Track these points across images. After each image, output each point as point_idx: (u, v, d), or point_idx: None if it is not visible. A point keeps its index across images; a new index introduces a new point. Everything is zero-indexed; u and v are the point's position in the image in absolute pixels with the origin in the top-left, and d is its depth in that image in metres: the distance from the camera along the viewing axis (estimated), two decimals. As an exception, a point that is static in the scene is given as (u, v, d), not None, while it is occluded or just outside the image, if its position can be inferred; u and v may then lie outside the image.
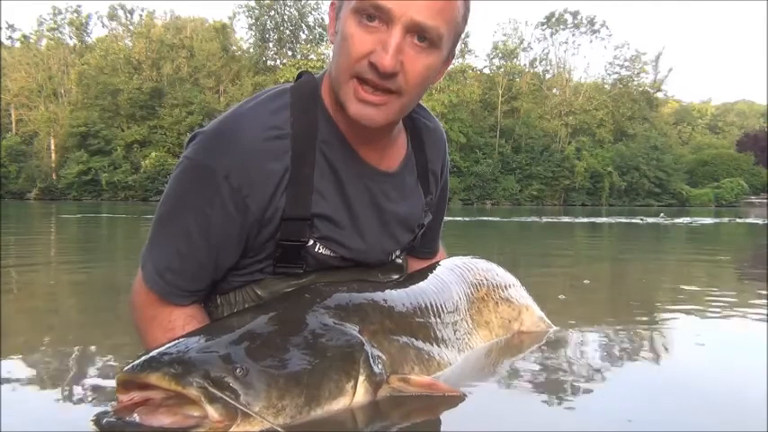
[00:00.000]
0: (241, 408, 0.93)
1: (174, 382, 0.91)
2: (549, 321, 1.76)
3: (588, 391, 1.32)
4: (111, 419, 0.95)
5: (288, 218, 1.21)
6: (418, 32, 1.11)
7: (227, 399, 0.92)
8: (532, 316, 1.71)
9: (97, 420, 0.97)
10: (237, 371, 0.96)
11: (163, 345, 1.02)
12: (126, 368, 0.96)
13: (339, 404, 1.06)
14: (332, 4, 1.23)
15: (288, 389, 0.99)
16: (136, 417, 0.94)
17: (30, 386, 1.32)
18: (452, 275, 1.54)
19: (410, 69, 1.13)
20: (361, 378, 1.09)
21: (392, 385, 1.14)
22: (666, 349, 1.76)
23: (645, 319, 2.18)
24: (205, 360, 0.96)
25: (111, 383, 1.28)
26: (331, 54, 1.22)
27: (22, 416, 1.12)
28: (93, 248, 5.78)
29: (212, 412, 0.92)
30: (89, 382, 1.33)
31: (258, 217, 1.19)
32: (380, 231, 1.36)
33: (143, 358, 0.96)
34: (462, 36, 1.29)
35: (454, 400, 1.17)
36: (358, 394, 1.09)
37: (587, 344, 1.71)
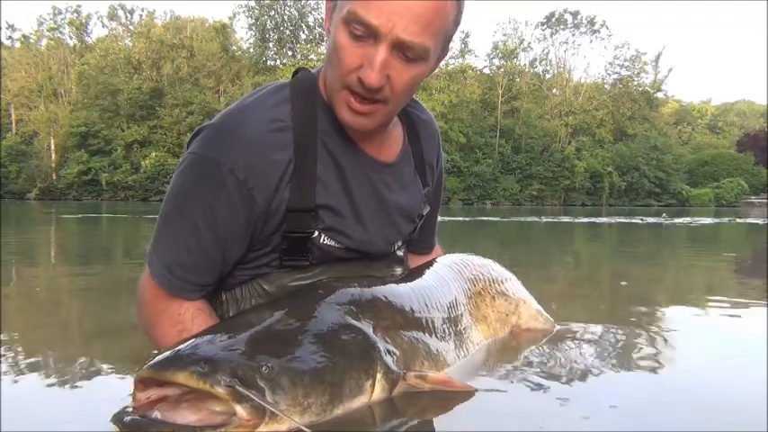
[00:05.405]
0: (269, 408, 0.92)
1: (203, 381, 0.90)
2: (548, 316, 1.78)
3: (590, 390, 1.32)
4: (134, 416, 0.92)
5: (293, 209, 1.22)
6: (404, 50, 1.13)
7: (256, 398, 0.91)
8: (530, 309, 1.73)
9: (118, 419, 0.94)
10: (264, 369, 0.95)
11: (183, 341, 1.00)
12: (148, 365, 0.93)
13: (359, 402, 1.07)
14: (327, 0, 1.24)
15: (313, 387, 0.99)
16: (157, 414, 0.92)
17: (34, 387, 1.30)
18: (450, 271, 1.56)
19: (397, 80, 1.15)
20: (379, 375, 1.10)
21: (409, 382, 1.16)
22: (669, 347, 1.76)
23: (647, 318, 2.19)
24: (231, 358, 0.94)
25: (114, 384, 1.29)
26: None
27: (26, 417, 1.11)
28: (94, 248, 5.79)
29: (241, 411, 0.91)
30: (92, 382, 1.33)
31: (264, 209, 1.20)
32: (382, 221, 1.37)
33: (166, 355, 0.94)
34: (462, 36, 1.30)
35: (467, 395, 1.18)
36: (376, 392, 1.09)
37: (590, 343, 1.71)
